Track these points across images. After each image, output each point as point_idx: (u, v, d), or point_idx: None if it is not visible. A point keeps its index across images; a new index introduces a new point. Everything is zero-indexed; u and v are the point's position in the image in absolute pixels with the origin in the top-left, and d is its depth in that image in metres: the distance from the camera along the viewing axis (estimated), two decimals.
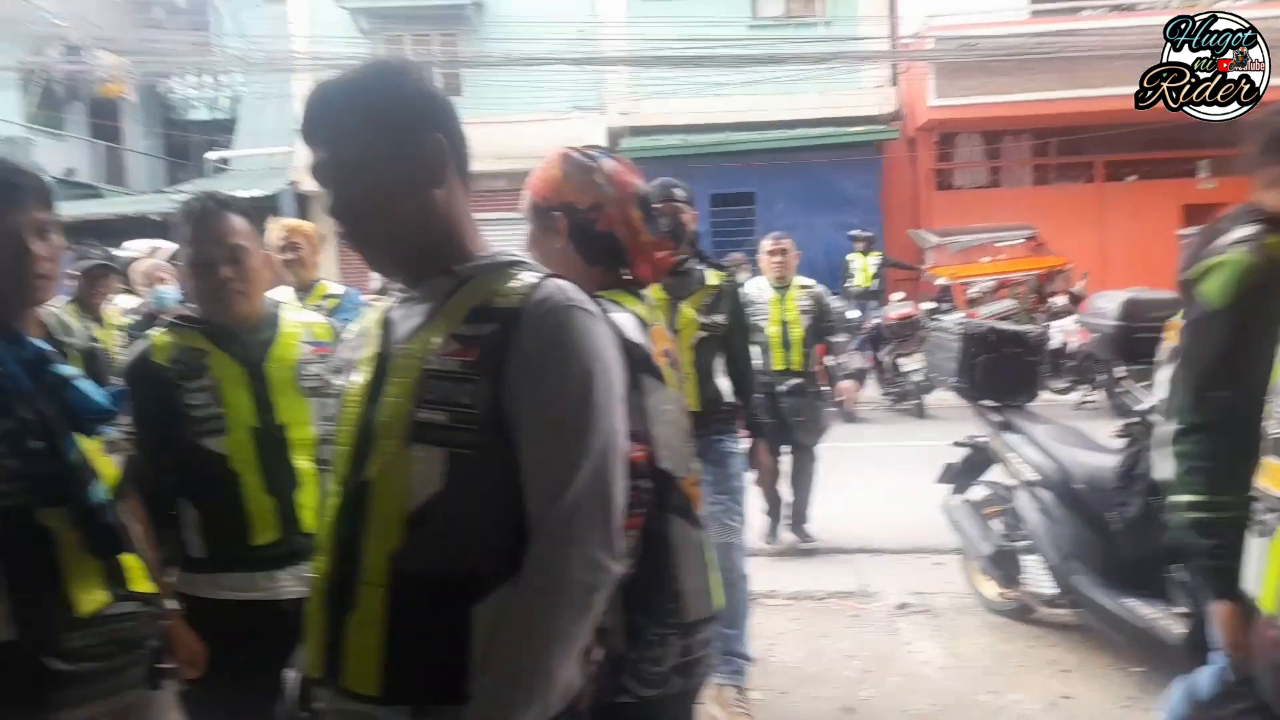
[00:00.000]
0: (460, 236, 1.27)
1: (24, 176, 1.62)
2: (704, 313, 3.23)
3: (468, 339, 1.17)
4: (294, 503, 1.96)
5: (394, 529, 1.16)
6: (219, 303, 1.98)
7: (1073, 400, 9.61)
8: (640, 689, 1.73)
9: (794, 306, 5.06)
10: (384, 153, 1.20)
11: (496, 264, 1.26)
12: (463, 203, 1.27)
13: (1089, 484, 3.50)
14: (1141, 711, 3.22)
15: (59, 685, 1.56)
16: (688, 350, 3.15)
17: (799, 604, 4.37)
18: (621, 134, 14.28)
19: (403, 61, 1.28)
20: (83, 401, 1.61)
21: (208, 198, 2.03)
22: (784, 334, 5.02)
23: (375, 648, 1.16)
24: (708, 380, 3.25)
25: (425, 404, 1.16)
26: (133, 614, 1.68)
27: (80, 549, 1.60)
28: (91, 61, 15.64)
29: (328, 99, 1.22)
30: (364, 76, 1.23)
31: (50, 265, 1.61)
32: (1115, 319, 4.45)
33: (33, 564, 1.56)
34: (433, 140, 1.22)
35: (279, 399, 1.99)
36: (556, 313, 1.17)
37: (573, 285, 1.23)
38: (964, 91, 13.42)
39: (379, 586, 1.16)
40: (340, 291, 3.88)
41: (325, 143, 1.22)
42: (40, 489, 1.55)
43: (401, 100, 1.22)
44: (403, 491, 1.15)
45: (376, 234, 1.24)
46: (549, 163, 1.82)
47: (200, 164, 18.08)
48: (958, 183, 15.43)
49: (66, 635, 1.57)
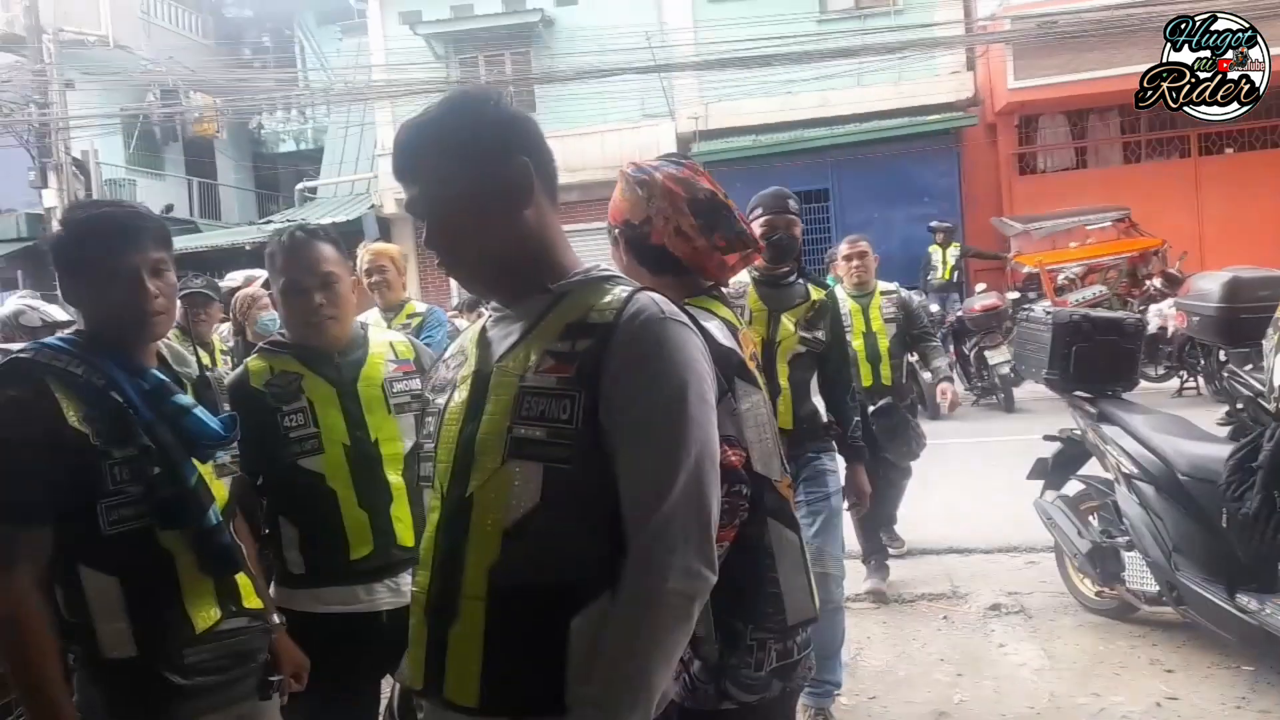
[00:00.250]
0: (554, 254, 1.30)
1: (142, 219, 1.72)
2: (804, 327, 3.13)
3: (563, 355, 1.20)
4: (388, 516, 2.04)
5: (493, 543, 1.19)
6: (312, 328, 2.08)
7: (1171, 388, 9.20)
8: (741, 695, 1.74)
9: (878, 315, 4.59)
10: (471, 181, 1.24)
11: (590, 279, 1.28)
12: (553, 220, 1.31)
13: (1194, 475, 3.35)
14: (1254, 713, 3.08)
15: (178, 698, 1.64)
16: (784, 364, 3.08)
17: (887, 607, 4.30)
18: (692, 139, 14.30)
19: (482, 90, 1.32)
20: (199, 429, 1.70)
21: (298, 228, 2.14)
22: (869, 347, 4.53)
23: (475, 659, 1.18)
24: (804, 397, 3.13)
25: (523, 420, 1.19)
26: (245, 629, 1.77)
27: (197, 569, 1.69)
28: (186, 103, 16.52)
29: (415, 136, 1.28)
30: (446, 110, 1.28)
31: (164, 302, 1.71)
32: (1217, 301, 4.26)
33: (153, 584, 1.65)
34: (518, 164, 1.26)
35: (370, 417, 2.08)
36: (650, 325, 1.19)
37: (664, 298, 1.25)
38: (1044, 71, 12.99)
39: (478, 599, 1.19)
40: (424, 310, 4.02)
41: (416, 178, 1.27)
42: (161, 513, 1.64)
43: (483, 129, 1.26)
44: (502, 506, 1.18)
45: (470, 260, 1.29)
46: (619, 179, 1.88)
47: (290, 194, 18.87)
48: (1041, 166, 14.93)
49: (184, 651, 1.66)
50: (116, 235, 1.66)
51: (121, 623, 1.61)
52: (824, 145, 13.90)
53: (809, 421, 3.11)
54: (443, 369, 1.43)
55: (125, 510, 1.61)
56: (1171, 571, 3.38)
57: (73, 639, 1.62)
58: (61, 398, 1.58)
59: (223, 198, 20.57)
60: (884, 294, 4.67)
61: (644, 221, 1.79)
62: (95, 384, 1.62)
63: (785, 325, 3.08)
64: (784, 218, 3.10)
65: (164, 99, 16.65)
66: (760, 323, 3.09)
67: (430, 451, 1.35)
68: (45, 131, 13.37)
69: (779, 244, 3.08)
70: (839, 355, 3.29)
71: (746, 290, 3.14)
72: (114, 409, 1.62)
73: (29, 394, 1.57)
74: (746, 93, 14.16)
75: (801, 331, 3.10)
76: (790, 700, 1.85)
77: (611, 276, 1.30)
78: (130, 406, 1.63)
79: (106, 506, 1.60)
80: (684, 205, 1.79)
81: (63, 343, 1.67)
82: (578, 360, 1.19)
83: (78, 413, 1.59)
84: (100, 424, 1.60)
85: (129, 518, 1.62)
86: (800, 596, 1.79)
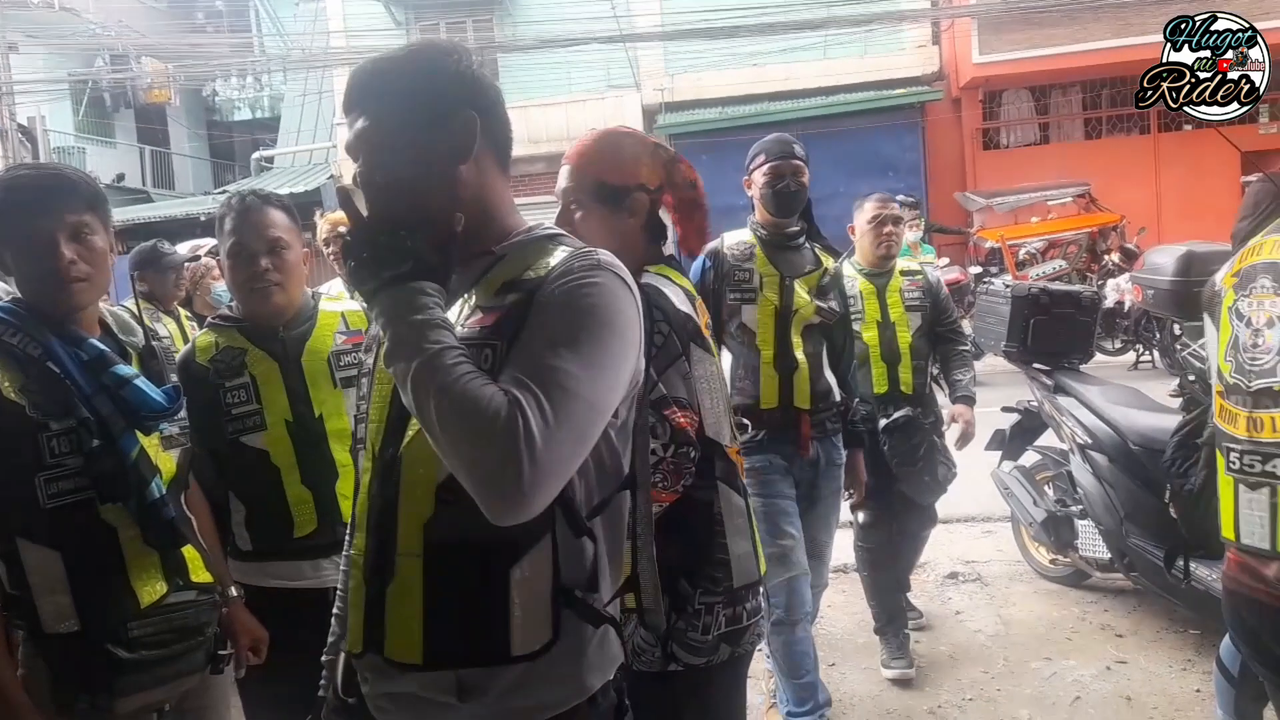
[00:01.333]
0: (497, 218, 1.27)
1: (63, 180, 1.64)
2: (818, 295, 2.86)
3: (489, 308, 1.18)
4: (334, 493, 2.00)
5: (427, 498, 1.16)
6: (256, 294, 2.01)
7: (1127, 361, 9.37)
8: (687, 658, 1.75)
9: (898, 301, 3.46)
10: (412, 126, 1.20)
11: (533, 239, 1.25)
12: (498, 185, 1.28)
13: (1146, 445, 3.41)
14: (1198, 675, 3.16)
15: (123, 672, 1.62)
16: (798, 337, 2.82)
17: (847, 575, 4.35)
18: (657, 110, 14.19)
19: (451, 44, 1.28)
20: (141, 400, 1.65)
21: (249, 193, 2.08)
22: (885, 342, 3.43)
23: (416, 616, 1.16)
24: (819, 373, 2.87)
25: None
26: (192, 602, 1.74)
27: (140, 543, 1.65)
28: (137, 69, 16.03)
29: (369, 71, 1.25)
30: (407, 54, 1.25)
31: (84, 268, 1.62)
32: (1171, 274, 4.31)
33: (95, 558, 1.62)
34: (465, 117, 1.22)
35: (314, 391, 2.03)
36: (584, 271, 1.15)
37: (611, 256, 1.21)
38: (1009, 46, 13.05)
39: (415, 556, 1.17)
40: None
41: (364, 112, 1.24)
42: (101, 486, 1.60)
43: (439, 77, 1.23)
44: (431, 460, 1.13)
45: (403, 207, 1.22)
46: (615, 141, 1.83)
47: (246, 164, 18.45)
48: (1005, 141, 15.03)
49: (129, 624, 1.64)
50: (34, 199, 1.59)
51: (63, 596, 1.59)
52: (790, 119, 13.83)
53: (824, 399, 2.86)
54: (374, 327, 1.38)
55: (64, 483, 1.58)
56: (1123, 539, 3.45)
57: (15, 613, 1.59)
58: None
59: (176, 167, 20.06)
60: (905, 274, 3.52)
61: (658, 188, 1.81)
62: (31, 354, 1.58)
63: (800, 293, 2.82)
64: (790, 163, 2.80)
65: (114, 64, 16.14)
66: (773, 289, 2.81)
67: (364, 413, 1.31)
68: None
69: (785, 193, 2.80)
70: (845, 326, 3.04)
71: (753, 253, 2.86)
72: (51, 380, 1.58)
73: None
74: (712, 64, 14.06)
75: (817, 300, 2.84)
76: (740, 665, 1.85)
77: (555, 235, 1.26)
78: (67, 377, 1.59)
79: (45, 479, 1.56)
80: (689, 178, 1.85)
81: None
82: (502, 310, 1.16)
83: (13, 383, 1.55)
84: (37, 395, 1.56)
85: (68, 490, 1.58)
86: (746, 561, 1.80)
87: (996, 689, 3.24)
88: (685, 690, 1.78)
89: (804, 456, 2.81)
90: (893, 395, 3.39)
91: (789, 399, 2.79)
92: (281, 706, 2.04)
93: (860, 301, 3.42)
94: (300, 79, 16.27)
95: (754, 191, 2.91)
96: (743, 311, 2.82)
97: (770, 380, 2.79)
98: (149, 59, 16.26)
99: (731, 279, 2.83)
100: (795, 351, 2.80)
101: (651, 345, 1.67)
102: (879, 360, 3.43)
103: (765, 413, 2.77)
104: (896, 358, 3.43)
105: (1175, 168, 13.61)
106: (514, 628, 1.15)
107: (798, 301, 2.80)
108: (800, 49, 13.57)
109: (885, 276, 3.48)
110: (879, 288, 3.47)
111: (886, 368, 3.43)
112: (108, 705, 1.61)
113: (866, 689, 3.31)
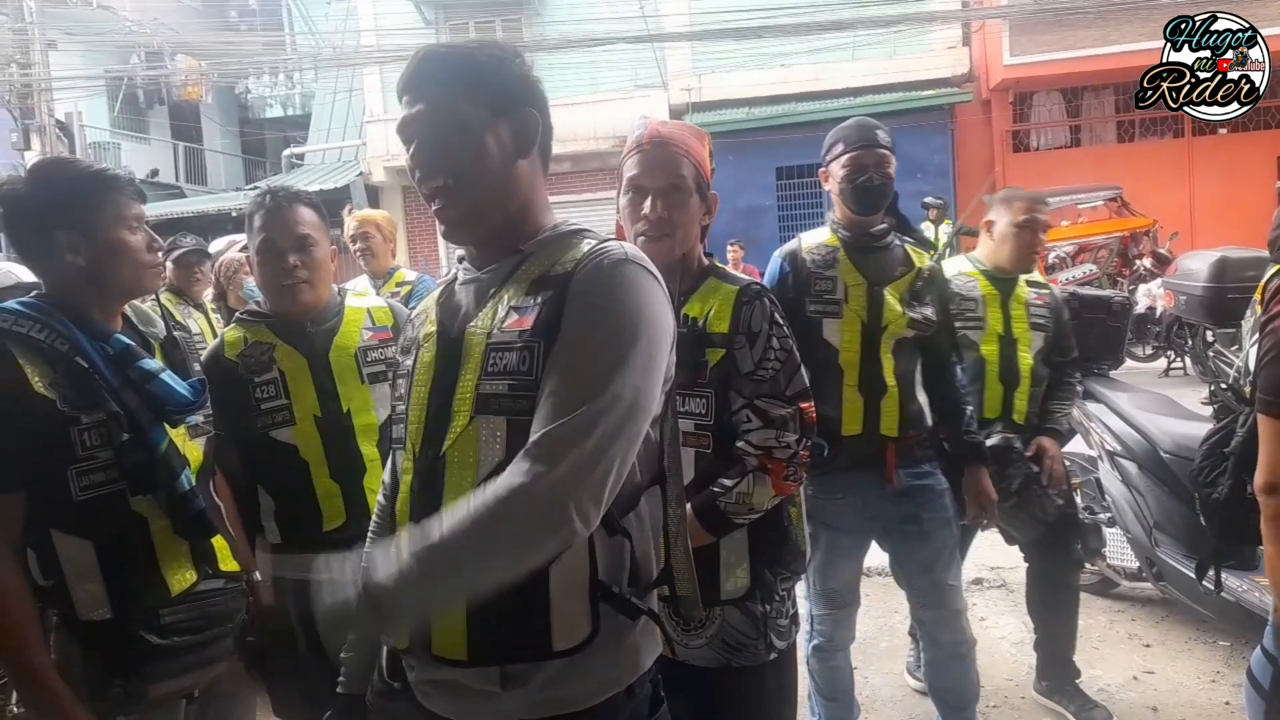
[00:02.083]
0: (534, 217, 1.29)
1: (114, 176, 1.71)
2: (910, 304, 2.44)
3: (524, 309, 1.20)
4: (362, 488, 2.02)
5: (468, 499, 1.19)
6: (285, 290, 2.04)
7: (1159, 367, 9.24)
8: (779, 643, 1.82)
9: (1023, 316, 2.92)
10: (481, 113, 1.24)
11: (558, 235, 1.27)
12: (542, 184, 1.31)
13: (1177, 453, 3.36)
14: (1228, 687, 3.12)
15: (155, 658, 1.65)
16: (888, 356, 2.41)
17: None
18: (684, 111, 14.17)
19: (509, 45, 1.32)
20: (168, 395, 1.68)
21: (279, 189, 2.11)
22: (1005, 359, 2.88)
23: (459, 614, 1.18)
24: (911, 395, 2.46)
25: (489, 375, 1.18)
26: (221, 590, 1.77)
27: (171, 533, 1.68)
28: (171, 66, 16.25)
29: (436, 56, 1.26)
30: (476, 46, 1.28)
31: (151, 255, 1.71)
32: (1205, 280, 4.25)
33: (127, 548, 1.64)
34: (528, 114, 1.26)
35: (342, 387, 2.05)
36: (606, 267, 1.17)
37: (635, 248, 1.23)
38: (1041, 48, 12.92)
39: None
40: (413, 278, 3.97)
41: (425, 96, 1.25)
42: (131, 479, 1.63)
43: (506, 72, 1.26)
44: (473, 463, 1.18)
45: (457, 192, 1.25)
46: (696, 135, 1.85)
47: (277, 161, 18.65)
48: (1035, 144, 14.88)
49: (160, 612, 1.66)
50: (95, 191, 1.64)
51: (96, 585, 1.61)
52: (817, 119, 13.78)
53: (915, 424, 2.46)
54: (409, 329, 1.42)
55: (96, 475, 1.60)
56: (1151, 548, 3.40)
57: (49, 601, 1.61)
58: (25, 363, 1.56)
59: (209, 163, 20.32)
60: (1032, 285, 3.00)
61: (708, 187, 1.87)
62: (59, 349, 1.60)
63: (891, 303, 2.41)
64: (874, 153, 2.40)
65: (149, 61, 16.37)
66: (859, 301, 2.41)
67: (401, 413, 1.33)
68: (27, 93, 13.14)
69: (868, 188, 2.41)
70: (948, 337, 2.57)
71: (836, 258, 2.46)
72: (79, 374, 1.60)
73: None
74: (740, 64, 14.03)
75: (909, 311, 2.42)
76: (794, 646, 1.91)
77: (579, 231, 1.29)
78: (95, 372, 1.61)
79: (77, 472, 1.58)
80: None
81: (23, 307, 1.63)
82: (537, 311, 1.18)
83: (43, 378, 1.57)
84: (66, 390, 1.58)
85: (100, 483, 1.61)
86: (802, 544, 1.88)
87: (1021, 696, 3.21)
88: (774, 676, 1.83)
89: (890, 488, 2.45)
90: (1005, 421, 2.87)
91: (874, 426, 2.41)
92: (308, 695, 2.06)
93: (981, 307, 2.89)
94: (331, 77, 16.42)
95: (832, 186, 2.52)
96: (824, 326, 2.41)
97: (854, 405, 2.40)
98: (183, 56, 16.47)
99: (811, 288, 2.45)
100: (885, 374, 2.40)
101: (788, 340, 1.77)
102: (995, 381, 2.87)
103: (847, 439, 2.40)
104: (1015, 380, 2.88)
105: (1209, 171, 13.41)
106: (555, 624, 1.17)
107: (888, 315, 2.40)
108: (828, 49, 13.50)
109: (1009, 283, 2.94)
110: (1002, 295, 2.92)
111: (1003, 390, 2.87)
112: (140, 691, 1.64)
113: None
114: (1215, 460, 2.83)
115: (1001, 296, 2.92)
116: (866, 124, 2.48)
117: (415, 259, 14.52)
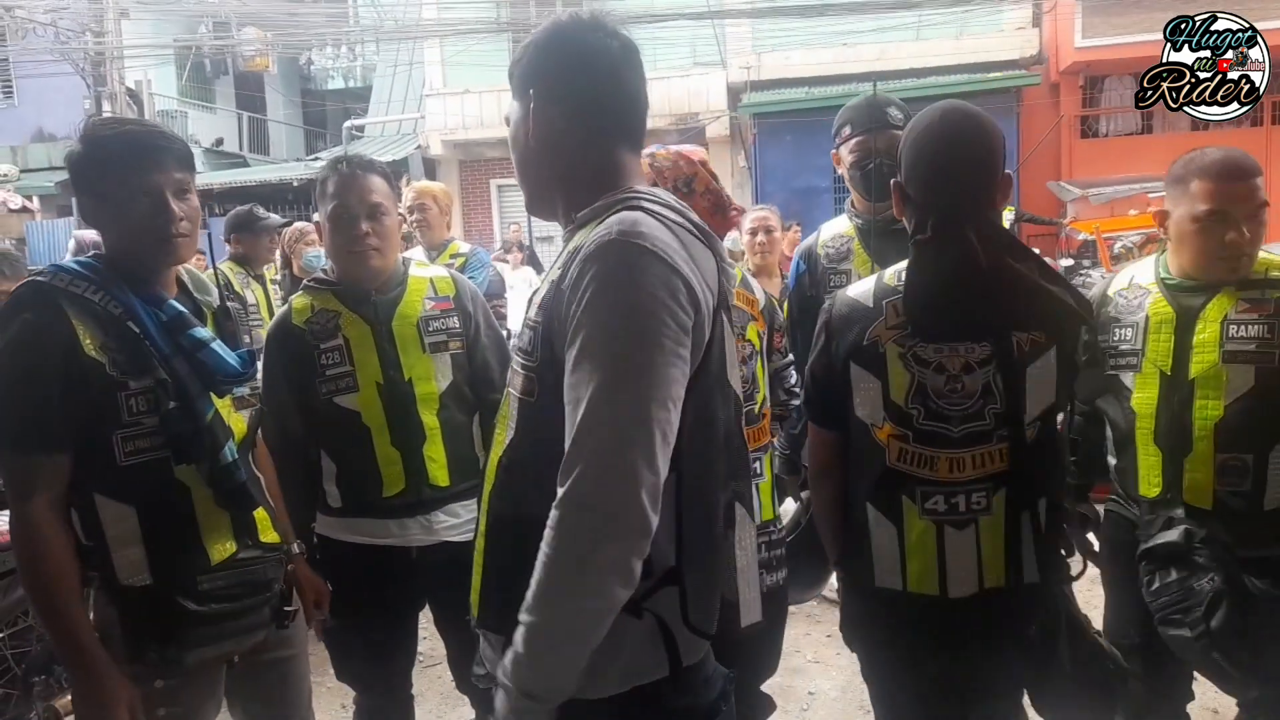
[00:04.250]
0: (591, 187, 1.25)
1: (166, 139, 1.67)
2: None
3: (550, 285, 1.19)
4: (421, 456, 2.05)
5: (493, 474, 1.25)
6: (355, 256, 2.05)
7: None
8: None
9: (1215, 341, 1.88)
10: (513, 102, 1.30)
11: (600, 205, 1.21)
12: (596, 157, 1.27)
13: None
14: None
15: (193, 624, 1.65)
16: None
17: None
18: (743, 89, 14.00)
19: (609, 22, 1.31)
20: (217, 364, 1.67)
21: (352, 157, 2.12)
22: (1170, 409, 1.92)
23: (478, 578, 1.27)
24: None
25: (517, 351, 1.24)
26: (259, 559, 1.76)
27: (213, 503, 1.68)
28: (237, 36, 16.54)
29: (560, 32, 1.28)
30: (590, 22, 1.28)
31: (188, 225, 1.66)
32: None
33: (169, 515, 1.64)
34: (528, 96, 1.28)
35: (404, 356, 2.07)
36: (604, 248, 1.10)
37: (650, 223, 1.14)
38: (1115, 30, 12.47)
39: (484, 526, 1.27)
40: (468, 250, 4.01)
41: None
42: (175, 448, 1.62)
43: (518, 57, 1.29)
44: (501, 439, 1.24)
45: (518, 174, 1.31)
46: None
47: (337, 132, 18.91)
48: (1104, 130, 14.41)
49: (199, 579, 1.66)
50: (140, 153, 1.60)
51: (137, 550, 1.61)
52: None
53: None
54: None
55: (141, 441, 1.60)
56: None
57: (89, 563, 1.61)
58: (78, 324, 1.55)
59: (272, 133, 20.67)
60: (1244, 292, 1.91)
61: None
62: (112, 312, 1.58)
63: None
64: (885, 135, 2.22)
65: (216, 31, 16.69)
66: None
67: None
68: (100, 60, 13.51)
69: (877, 175, 2.23)
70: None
71: (850, 249, 2.39)
72: (130, 339, 1.59)
73: (46, 319, 1.54)
74: (802, 42, 13.79)
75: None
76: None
77: (618, 200, 1.19)
78: (146, 338, 1.60)
79: (122, 437, 1.58)
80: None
81: (80, 267, 1.62)
82: (552, 288, 1.17)
83: (94, 341, 1.56)
84: (116, 354, 1.57)
85: (145, 449, 1.60)
86: None
87: None
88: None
89: None
90: (1171, 504, 1.92)
91: None
92: (369, 657, 2.11)
93: (1141, 335, 1.96)
94: (392, 50, 16.58)
95: (842, 171, 2.43)
96: None
97: None
98: (250, 27, 16.75)
99: (826, 286, 2.35)
100: None
101: None
102: (1149, 443, 1.95)
103: None
104: (1186, 444, 1.90)
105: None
106: None
107: None
108: (893, 28, 13.21)
109: (1206, 293, 1.92)
110: (1188, 312, 1.92)
111: (1163, 456, 1.93)
112: (177, 657, 1.63)
113: None
114: None
115: (1182, 316, 1.93)
116: (876, 102, 2.29)
117: (469, 232, 14.64)
